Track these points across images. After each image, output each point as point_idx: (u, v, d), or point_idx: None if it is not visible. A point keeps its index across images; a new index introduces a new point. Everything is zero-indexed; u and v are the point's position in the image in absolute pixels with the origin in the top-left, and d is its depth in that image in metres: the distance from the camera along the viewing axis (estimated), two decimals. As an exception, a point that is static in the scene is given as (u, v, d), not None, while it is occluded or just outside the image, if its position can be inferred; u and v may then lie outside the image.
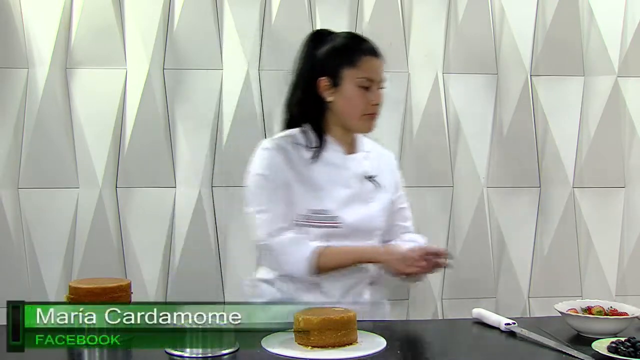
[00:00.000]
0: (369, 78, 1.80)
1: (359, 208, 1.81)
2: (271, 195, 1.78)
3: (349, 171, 1.84)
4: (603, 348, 1.40)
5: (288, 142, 1.83)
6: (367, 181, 1.85)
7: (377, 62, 1.82)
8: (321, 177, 1.80)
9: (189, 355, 1.37)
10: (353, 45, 1.83)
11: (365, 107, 1.80)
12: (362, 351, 1.40)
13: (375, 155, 1.92)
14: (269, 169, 1.79)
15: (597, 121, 2.85)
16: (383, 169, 1.91)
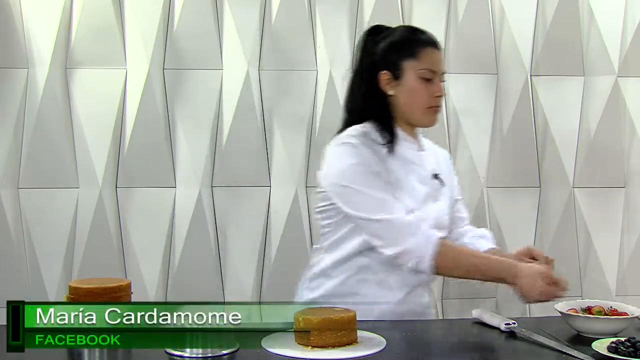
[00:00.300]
0: (430, 69, 1.75)
1: (432, 206, 1.75)
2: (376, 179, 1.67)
3: (423, 168, 1.78)
4: (603, 348, 1.40)
5: (364, 136, 1.73)
6: (434, 179, 1.80)
7: (437, 53, 1.80)
8: (399, 173, 1.72)
9: (189, 355, 1.37)
10: (413, 37, 1.79)
11: (428, 100, 1.75)
12: (362, 351, 1.40)
13: (435, 152, 1.88)
14: (363, 157, 1.68)
15: (597, 121, 2.85)
16: (442, 165, 1.86)
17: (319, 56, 2.75)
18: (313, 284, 1.81)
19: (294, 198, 2.71)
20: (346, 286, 1.75)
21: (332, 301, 1.79)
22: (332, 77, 2.74)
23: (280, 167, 2.73)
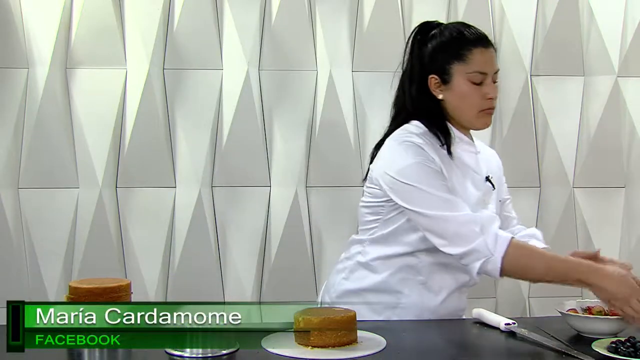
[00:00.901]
0: (480, 71, 1.69)
1: (482, 210, 1.70)
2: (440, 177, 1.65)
3: (478, 171, 1.76)
4: (603, 348, 1.40)
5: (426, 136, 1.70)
6: (487, 182, 1.78)
7: (487, 53, 1.71)
8: (457, 176, 1.70)
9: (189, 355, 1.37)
10: (460, 37, 1.71)
11: (481, 103, 1.70)
12: (362, 351, 1.40)
13: (487, 154, 1.86)
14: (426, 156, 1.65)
15: (597, 121, 2.85)
16: (494, 167, 1.84)
17: (319, 56, 2.75)
18: (354, 275, 1.76)
19: (294, 198, 2.71)
20: (388, 284, 1.73)
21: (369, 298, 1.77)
22: (332, 77, 2.74)
23: (280, 167, 2.73)
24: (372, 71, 2.75)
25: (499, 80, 1.75)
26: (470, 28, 1.74)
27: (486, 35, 1.74)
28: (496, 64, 1.73)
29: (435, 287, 1.74)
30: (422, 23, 1.80)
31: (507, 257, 1.55)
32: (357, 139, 2.74)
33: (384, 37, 2.75)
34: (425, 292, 1.73)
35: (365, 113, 2.75)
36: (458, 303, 1.79)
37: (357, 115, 2.75)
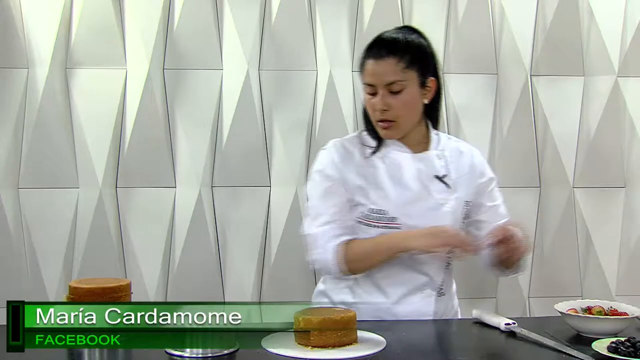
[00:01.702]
0: (368, 83, 1.73)
1: (423, 210, 1.74)
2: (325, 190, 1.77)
3: (414, 171, 1.77)
4: (603, 348, 1.40)
5: (354, 141, 1.81)
6: (437, 181, 1.78)
7: (378, 64, 1.72)
8: (382, 176, 1.76)
9: (189, 355, 1.37)
10: (366, 48, 1.77)
11: (373, 114, 1.75)
12: (362, 351, 1.40)
13: (453, 154, 1.84)
14: (327, 167, 1.78)
15: (597, 121, 2.85)
16: (460, 168, 1.82)
17: (319, 56, 2.75)
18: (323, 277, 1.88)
19: (294, 198, 2.71)
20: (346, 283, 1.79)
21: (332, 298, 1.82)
22: (332, 77, 2.74)
23: (280, 167, 2.73)
24: (372, 71, 2.74)
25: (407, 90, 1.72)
26: (382, 35, 1.77)
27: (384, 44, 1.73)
28: (389, 75, 1.70)
29: (387, 288, 1.76)
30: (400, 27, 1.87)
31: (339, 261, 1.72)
32: (357, 139, 2.74)
33: (384, 37, 2.75)
34: (377, 292, 1.76)
35: (365, 113, 2.75)
36: (420, 306, 1.78)
37: (357, 115, 2.75)
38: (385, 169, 1.77)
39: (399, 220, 1.73)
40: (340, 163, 1.77)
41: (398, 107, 1.72)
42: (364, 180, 1.75)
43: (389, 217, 1.73)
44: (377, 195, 1.74)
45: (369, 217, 1.75)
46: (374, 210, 1.74)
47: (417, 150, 1.80)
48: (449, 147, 1.85)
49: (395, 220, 1.73)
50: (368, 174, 1.76)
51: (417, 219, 1.73)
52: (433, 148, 1.82)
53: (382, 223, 1.74)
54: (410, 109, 1.75)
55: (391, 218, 1.73)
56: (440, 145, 1.84)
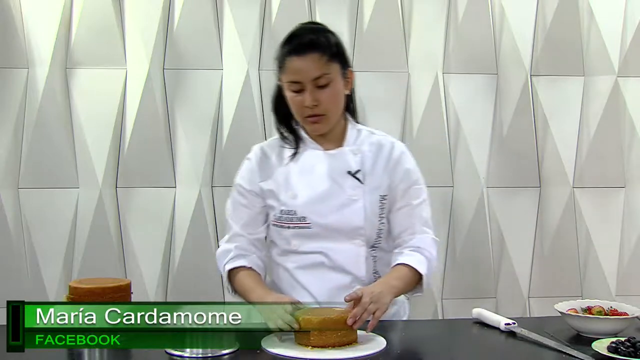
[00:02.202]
0: (294, 81, 1.69)
1: (333, 207, 1.73)
2: (237, 204, 1.83)
3: (326, 168, 1.76)
4: (603, 348, 1.40)
5: (274, 144, 1.82)
6: (350, 177, 1.76)
7: (302, 60, 1.68)
8: (294, 176, 1.77)
9: (189, 355, 1.37)
10: (283, 46, 1.72)
11: (301, 111, 1.72)
12: (362, 351, 1.40)
13: (373, 149, 1.81)
14: (242, 179, 1.83)
15: (597, 121, 2.85)
16: (377, 163, 1.79)
17: (319, 56, 2.74)
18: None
19: (294, 198, 2.71)
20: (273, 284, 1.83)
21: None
22: (332, 77, 2.74)
23: (280, 167, 2.73)
24: (372, 71, 2.75)
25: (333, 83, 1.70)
26: (296, 32, 1.73)
27: (305, 40, 1.70)
28: (315, 70, 1.68)
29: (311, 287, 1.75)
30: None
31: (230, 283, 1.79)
32: (357, 139, 2.75)
33: (384, 37, 2.75)
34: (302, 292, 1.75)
35: (366, 113, 2.75)
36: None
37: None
38: (297, 170, 1.77)
39: (308, 219, 1.73)
40: (257, 172, 1.80)
41: (327, 101, 1.71)
42: (276, 184, 1.77)
43: (299, 217, 1.74)
44: (287, 196, 1.75)
45: (281, 218, 1.76)
46: (284, 211, 1.75)
47: (332, 147, 1.79)
48: (369, 141, 1.82)
49: (305, 219, 1.73)
50: (282, 177, 1.77)
51: (327, 217, 1.73)
52: (348, 144, 1.80)
53: (293, 224, 1.74)
54: (338, 101, 1.75)
55: (301, 218, 1.73)
56: (358, 141, 1.81)
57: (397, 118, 2.77)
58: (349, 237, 1.75)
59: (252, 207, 1.81)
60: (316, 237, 1.74)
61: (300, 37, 1.71)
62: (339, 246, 1.75)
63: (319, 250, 1.75)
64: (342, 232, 1.74)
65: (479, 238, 2.82)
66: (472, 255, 2.81)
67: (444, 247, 2.81)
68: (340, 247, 1.75)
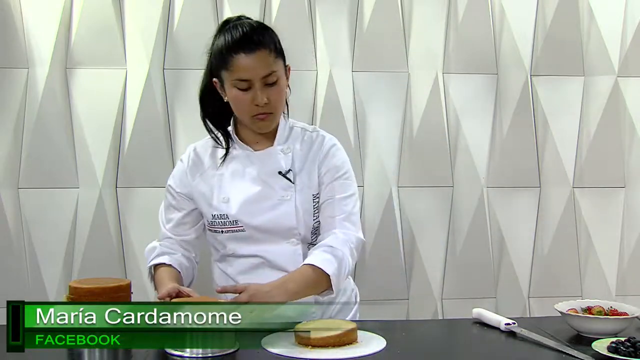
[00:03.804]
0: (242, 79, 1.67)
1: (264, 208, 1.73)
2: (167, 205, 1.84)
3: (256, 169, 1.75)
4: (603, 348, 1.40)
5: (207, 145, 1.83)
6: (281, 177, 1.75)
7: (250, 57, 1.66)
8: (225, 180, 1.76)
9: (189, 355, 1.37)
10: (225, 43, 1.68)
11: (250, 109, 1.69)
12: (362, 351, 1.40)
13: (302, 147, 1.79)
14: (173, 180, 1.83)
15: (597, 121, 2.85)
16: (308, 160, 1.78)
17: (319, 56, 2.75)
18: None
19: (294, 198, 2.71)
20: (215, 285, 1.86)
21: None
22: (332, 77, 2.74)
23: (280, 167, 2.73)
24: (372, 71, 2.75)
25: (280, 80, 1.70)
26: (238, 29, 1.69)
27: (252, 36, 1.67)
28: (265, 67, 1.67)
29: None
30: (224, 20, 1.80)
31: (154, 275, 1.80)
32: (357, 139, 2.74)
33: (384, 37, 2.75)
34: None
35: (365, 113, 2.76)
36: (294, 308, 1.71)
37: (357, 115, 2.75)
38: (228, 173, 1.77)
39: (241, 223, 1.73)
40: (190, 175, 1.80)
41: (276, 99, 1.70)
42: (208, 188, 1.77)
43: (232, 221, 1.73)
44: (219, 200, 1.75)
45: (214, 223, 1.75)
46: (217, 216, 1.74)
47: (262, 147, 1.78)
48: (300, 138, 1.81)
49: (238, 223, 1.73)
50: (213, 181, 1.77)
51: (259, 219, 1.72)
52: (279, 142, 1.78)
53: (227, 228, 1.74)
54: (284, 98, 1.74)
55: (233, 222, 1.73)
56: (290, 139, 1.80)
57: (397, 118, 2.77)
58: (283, 237, 1.74)
59: (181, 209, 1.81)
60: (250, 239, 1.74)
61: (246, 34, 1.67)
62: (275, 247, 1.74)
63: (255, 253, 1.74)
64: (276, 233, 1.73)
65: (479, 238, 2.82)
66: (472, 255, 2.81)
67: (444, 247, 2.81)
68: (276, 248, 1.74)
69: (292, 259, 1.75)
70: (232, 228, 1.74)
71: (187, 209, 1.82)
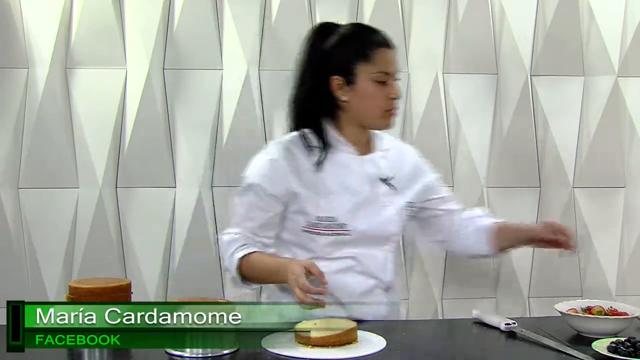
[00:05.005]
0: (385, 71, 1.70)
1: (371, 214, 1.73)
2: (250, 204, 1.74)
3: (362, 174, 1.74)
4: (603, 348, 1.40)
5: (296, 145, 1.74)
6: (382, 184, 1.75)
7: (391, 53, 1.72)
8: (330, 181, 1.72)
9: (189, 355, 1.38)
10: (364, 38, 1.72)
11: (385, 103, 1.71)
12: (362, 351, 1.41)
13: (395, 153, 1.82)
14: (263, 179, 1.72)
15: (597, 121, 2.85)
16: (403, 168, 1.81)
17: (319, 56, 2.74)
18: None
19: (294, 198, 2.71)
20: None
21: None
22: (332, 77, 2.73)
23: (280, 167, 2.73)
24: (372, 71, 2.74)
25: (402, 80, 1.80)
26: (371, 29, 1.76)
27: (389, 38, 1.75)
28: (398, 66, 1.75)
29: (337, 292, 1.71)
30: (321, 24, 1.79)
31: (241, 270, 1.70)
32: (357, 139, 2.74)
33: (384, 37, 2.75)
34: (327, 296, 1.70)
35: (365, 113, 2.75)
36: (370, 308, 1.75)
37: (357, 115, 2.75)
38: (332, 174, 1.73)
39: (348, 227, 1.70)
40: (284, 174, 1.71)
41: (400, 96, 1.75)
42: (309, 188, 1.71)
43: (339, 224, 1.70)
44: (325, 201, 1.70)
45: (318, 225, 1.70)
46: (323, 217, 1.70)
47: (363, 152, 1.77)
48: (392, 146, 1.84)
49: (345, 226, 1.70)
50: (315, 181, 1.71)
51: (366, 224, 1.72)
52: (377, 149, 1.80)
53: (332, 230, 1.70)
54: None
55: (341, 224, 1.70)
56: (384, 145, 1.81)
57: (397, 118, 2.76)
58: (380, 244, 1.75)
59: (268, 210, 1.73)
60: (352, 243, 1.72)
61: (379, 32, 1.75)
62: (369, 252, 1.74)
63: (351, 255, 1.73)
64: (376, 239, 1.74)
65: (479, 238, 2.81)
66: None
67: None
68: (371, 253, 1.75)
69: (382, 266, 1.77)
70: (338, 231, 1.70)
71: (274, 212, 1.73)
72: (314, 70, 1.74)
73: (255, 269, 1.68)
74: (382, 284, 1.78)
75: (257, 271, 1.68)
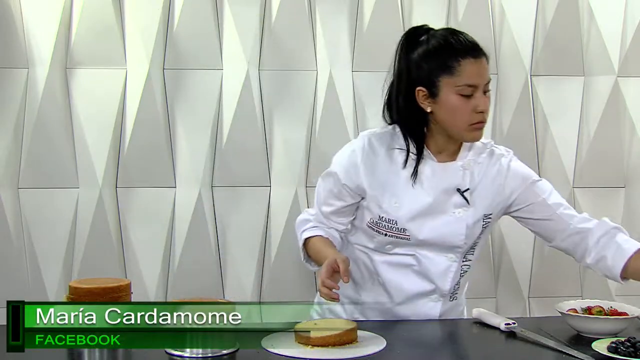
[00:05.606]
0: (470, 84, 1.61)
1: (436, 222, 1.69)
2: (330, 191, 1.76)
3: (436, 181, 1.70)
4: (603, 348, 1.40)
5: (381, 142, 1.73)
6: (457, 194, 1.70)
7: (477, 63, 1.62)
8: (401, 185, 1.69)
9: (189, 355, 1.37)
10: (448, 48, 1.63)
11: (470, 117, 1.63)
12: (362, 351, 1.40)
13: (484, 162, 1.74)
14: (341, 168, 1.73)
15: (597, 121, 2.85)
16: (486, 178, 1.73)
17: (319, 56, 2.75)
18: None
19: (294, 198, 2.71)
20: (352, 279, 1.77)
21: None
22: (332, 77, 2.74)
23: (280, 167, 2.73)
24: (372, 71, 2.74)
25: (491, 89, 1.68)
26: (459, 35, 1.66)
27: (477, 44, 1.65)
28: (487, 74, 1.65)
29: (392, 290, 1.75)
30: (410, 29, 1.74)
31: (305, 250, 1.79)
32: (357, 139, 2.74)
33: (384, 37, 2.75)
34: (381, 292, 1.75)
35: (365, 113, 2.75)
36: (426, 309, 1.76)
37: (357, 115, 2.75)
38: (406, 178, 1.70)
39: (408, 232, 1.68)
40: (359, 169, 1.71)
41: (488, 108, 1.67)
42: (380, 188, 1.69)
43: (399, 228, 1.69)
44: (390, 204, 1.69)
45: (379, 224, 1.70)
46: (385, 219, 1.69)
47: (444, 159, 1.72)
48: (480, 155, 1.75)
49: (405, 232, 1.68)
50: (387, 182, 1.69)
51: (427, 232, 1.69)
52: (461, 158, 1.73)
53: (392, 233, 1.69)
54: None
55: (401, 229, 1.68)
56: (470, 154, 1.74)
57: (397, 118, 2.77)
58: (444, 251, 1.72)
59: (342, 199, 1.76)
60: (410, 247, 1.71)
61: (468, 40, 1.65)
62: (432, 255, 1.72)
63: (412, 252, 1.72)
64: (439, 247, 1.71)
65: (479, 238, 2.82)
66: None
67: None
68: (433, 257, 1.72)
69: (443, 273, 1.74)
70: (397, 234, 1.69)
71: (347, 202, 1.75)
72: (404, 81, 1.70)
73: (312, 252, 1.76)
74: (439, 292, 1.76)
75: (313, 255, 1.75)
